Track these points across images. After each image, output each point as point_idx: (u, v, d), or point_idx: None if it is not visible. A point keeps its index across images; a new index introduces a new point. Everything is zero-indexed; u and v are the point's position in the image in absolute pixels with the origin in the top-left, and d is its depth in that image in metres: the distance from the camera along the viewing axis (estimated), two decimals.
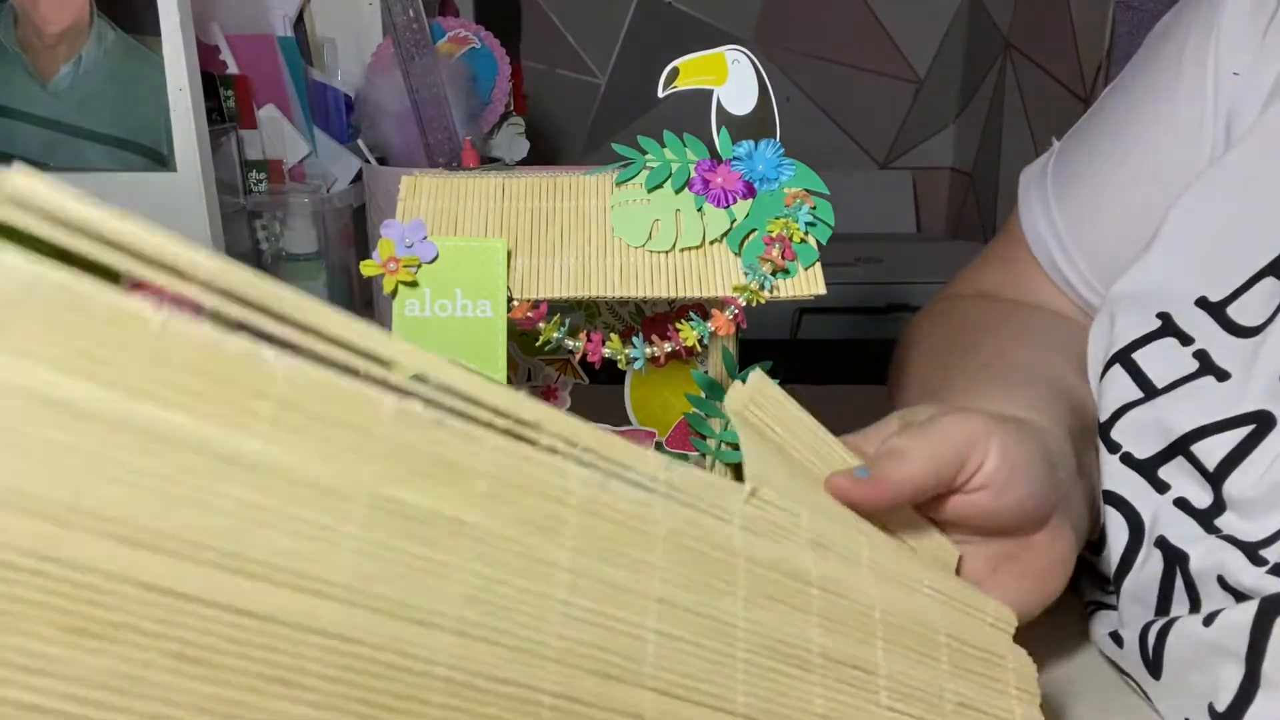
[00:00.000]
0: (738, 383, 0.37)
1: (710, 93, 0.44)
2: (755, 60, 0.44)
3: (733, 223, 0.43)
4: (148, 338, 0.21)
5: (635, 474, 0.27)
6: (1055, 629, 0.44)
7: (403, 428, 0.23)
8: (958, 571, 0.40)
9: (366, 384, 0.23)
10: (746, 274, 0.43)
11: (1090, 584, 0.51)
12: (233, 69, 0.88)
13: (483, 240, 0.42)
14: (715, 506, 0.29)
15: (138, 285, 0.62)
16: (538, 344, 0.43)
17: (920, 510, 0.40)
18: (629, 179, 0.44)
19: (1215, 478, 0.41)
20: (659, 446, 0.49)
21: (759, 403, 0.36)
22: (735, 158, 0.44)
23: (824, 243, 0.43)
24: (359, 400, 0.23)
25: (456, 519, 0.24)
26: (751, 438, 0.35)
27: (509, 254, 0.42)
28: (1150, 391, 0.45)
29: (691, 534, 0.28)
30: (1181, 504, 0.43)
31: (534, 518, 0.25)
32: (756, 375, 0.38)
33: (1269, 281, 0.43)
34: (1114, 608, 0.49)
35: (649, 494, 0.27)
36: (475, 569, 0.23)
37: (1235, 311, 0.44)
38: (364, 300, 0.98)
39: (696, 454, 0.49)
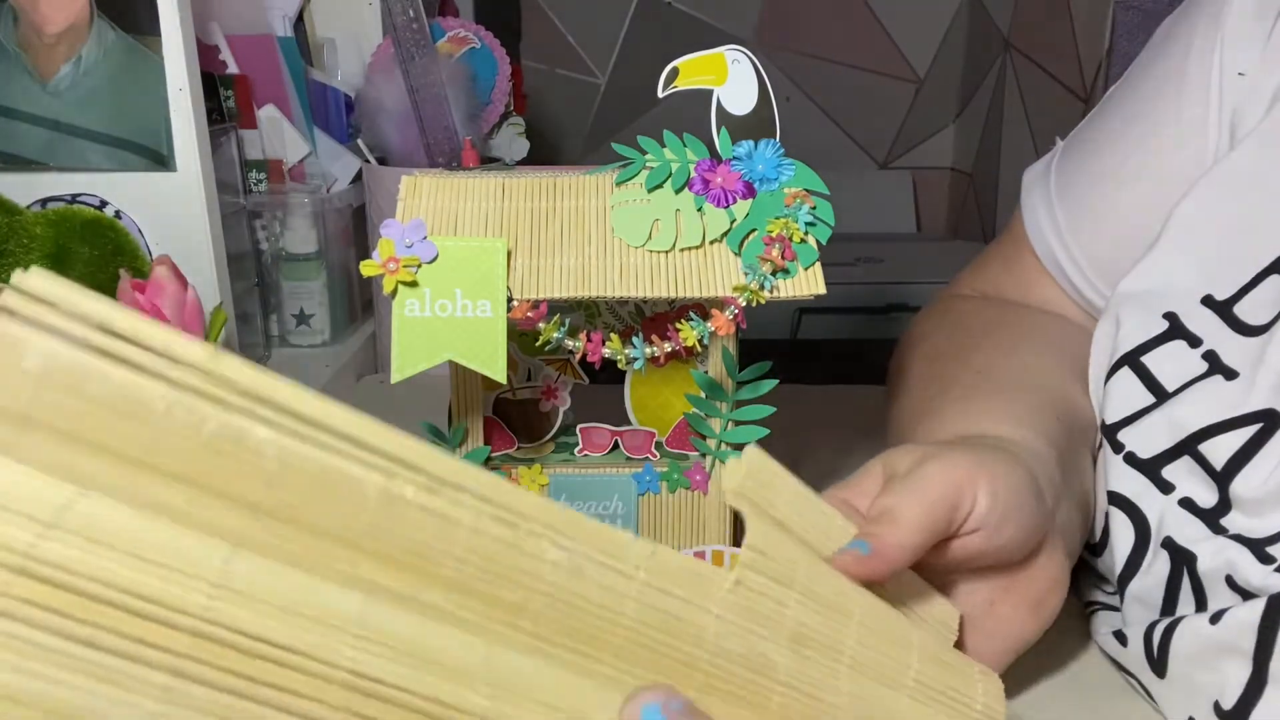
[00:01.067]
0: (733, 460, 0.36)
1: (710, 93, 0.44)
2: (755, 60, 0.44)
3: (733, 223, 0.43)
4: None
5: (615, 562, 0.28)
6: (1055, 629, 0.44)
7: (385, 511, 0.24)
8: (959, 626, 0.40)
9: (354, 464, 0.24)
10: (746, 274, 0.43)
11: (1090, 585, 0.51)
12: (233, 69, 0.88)
13: (483, 240, 0.42)
14: (694, 596, 0.29)
15: (139, 286, 0.62)
16: (538, 344, 0.43)
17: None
18: (629, 179, 0.44)
19: (1222, 477, 0.41)
20: (659, 446, 0.49)
21: (756, 479, 0.35)
22: (735, 158, 0.44)
23: (824, 243, 0.43)
24: (345, 481, 0.24)
25: (426, 602, 0.25)
26: (755, 514, 0.34)
27: (509, 254, 0.42)
28: (1161, 395, 0.45)
29: (658, 625, 0.28)
30: (1187, 504, 0.43)
31: (502, 601, 0.26)
32: (754, 453, 0.36)
33: (1275, 280, 0.43)
34: (1114, 608, 0.49)
35: (627, 580, 0.28)
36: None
37: (1242, 310, 0.44)
38: (364, 300, 0.98)
39: (696, 454, 0.49)
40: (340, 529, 0.24)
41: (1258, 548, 0.39)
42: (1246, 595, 0.39)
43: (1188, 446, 0.43)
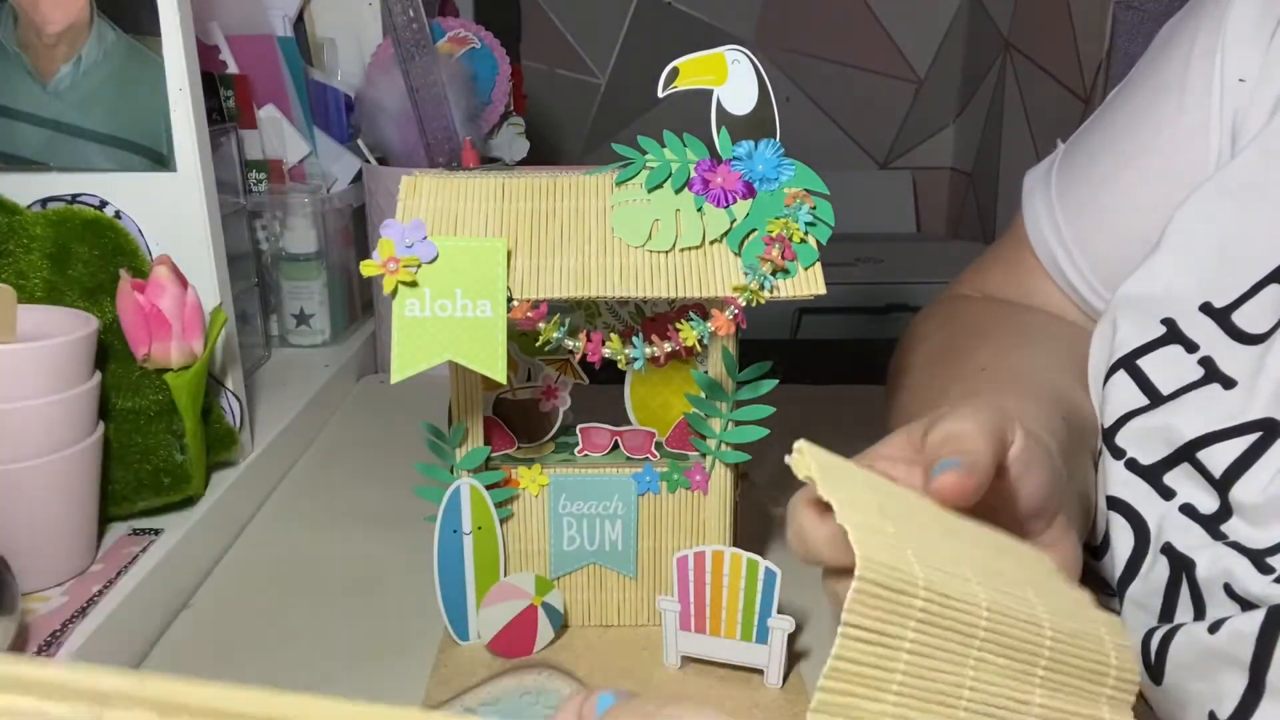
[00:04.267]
0: (795, 456, 0.35)
1: (710, 93, 0.44)
2: (755, 60, 0.44)
3: (733, 223, 0.43)
4: None
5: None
6: None
7: None
8: None
9: None
10: (746, 274, 0.43)
11: (1089, 587, 0.51)
12: (233, 69, 0.88)
13: (483, 240, 0.42)
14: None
15: (139, 286, 0.62)
16: (538, 344, 0.43)
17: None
18: (629, 179, 0.44)
19: (1222, 484, 0.41)
20: (659, 446, 0.49)
21: (823, 471, 0.34)
22: (735, 158, 0.44)
23: (824, 243, 0.43)
24: None
25: None
26: (847, 508, 0.34)
27: (509, 254, 0.42)
28: (1156, 399, 0.45)
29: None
30: (1188, 510, 0.43)
31: None
32: (808, 446, 0.34)
33: (1274, 289, 0.43)
34: (1114, 612, 0.49)
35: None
36: None
37: (1240, 318, 0.44)
38: (364, 300, 0.98)
39: (696, 454, 0.49)
40: None
41: (1257, 558, 0.39)
42: (1245, 604, 0.39)
43: (1185, 454, 0.43)
